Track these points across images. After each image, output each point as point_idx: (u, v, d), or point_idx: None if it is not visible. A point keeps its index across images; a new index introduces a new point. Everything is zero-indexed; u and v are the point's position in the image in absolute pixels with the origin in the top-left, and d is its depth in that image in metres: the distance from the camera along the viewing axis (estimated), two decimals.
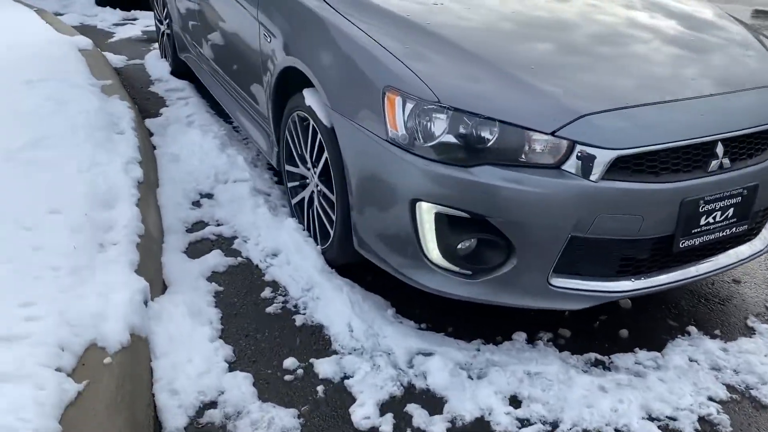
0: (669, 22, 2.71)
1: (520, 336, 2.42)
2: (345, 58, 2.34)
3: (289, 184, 3.00)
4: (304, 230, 2.89)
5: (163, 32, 5.12)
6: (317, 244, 2.77)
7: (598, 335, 2.46)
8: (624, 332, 2.47)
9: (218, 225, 3.09)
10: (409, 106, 2.09)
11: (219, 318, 2.47)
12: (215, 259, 2.81)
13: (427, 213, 2.11)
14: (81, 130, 3.31)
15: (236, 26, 3.28)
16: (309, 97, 2.57)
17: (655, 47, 2.43)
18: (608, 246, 2.11)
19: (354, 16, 2.42)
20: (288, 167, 2.96)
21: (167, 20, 4.89)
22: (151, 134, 3.95)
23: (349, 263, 2.64)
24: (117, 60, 5.38)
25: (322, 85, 2.42)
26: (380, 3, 2.46)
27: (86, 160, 3.00)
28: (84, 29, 6.39)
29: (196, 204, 3.26)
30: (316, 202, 2.74)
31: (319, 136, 2.55)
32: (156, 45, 5.91)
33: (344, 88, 2.33)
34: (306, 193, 2.84)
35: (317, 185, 2.71)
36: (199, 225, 3.09)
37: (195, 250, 2.89)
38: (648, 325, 2.51)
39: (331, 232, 2.61)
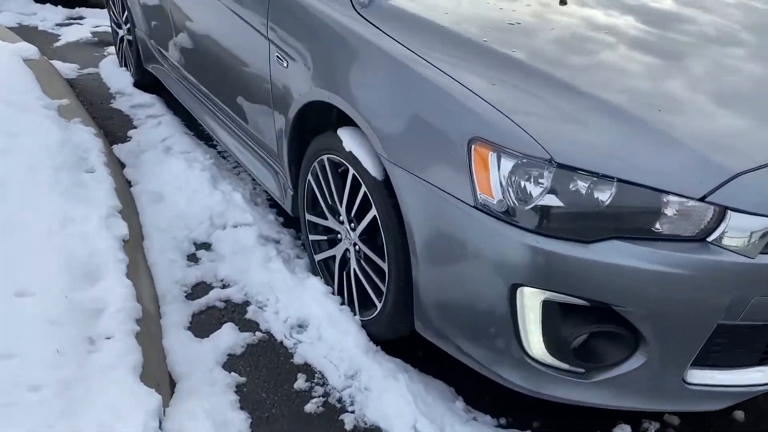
0: None
1: (624, 429, 1.98)
2: (409, 98, 1.83)
3: (311, 237, 2.48)
4: (333, 294, 2.38)
5: (122, 38, 4.46)
6: (354, 314, 2.27)
7: (711, 419, 2.05)
8: (740, 414, 2.07)
9: (224, 287, 2.55)
10: (508, 164, 1.61)
11: (249, 425, 1.95)
12: (229, 337, 2.28)
13: (530, 300, 1.65)
14: (43, 173, 2.70)
15: (233, 40, 2.71)
16: (349, 140, 2.05)
17: None
18: (759, 332, 1.69)
19: (414, 41, 1.91)
20: (310, 217, 2.44)
21: (128, 25, 4.24)
22: (123, 165, 3.34)
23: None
24: (68, 70, 4.68)
25: (372, 128, 1.91)
26: (446, 24, 1.95)
27: (56, 216, 2.41)
28: (22, 31, 5.61)
29: (193, 258, 2.70)
30: (353, 264, 2.23)
31: (363, 188, 2.04)
32: (111, 50, 5.22)
33: (408, 134, 1.83)
34: (337, 252, 2.32)
35: (355, 244, 2.20)
36: (201, 288, 2.54)
37: (201, 325, 2.35)
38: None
39: (378, 304, 2.12)
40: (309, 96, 2.18)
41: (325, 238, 2.40)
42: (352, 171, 2.07)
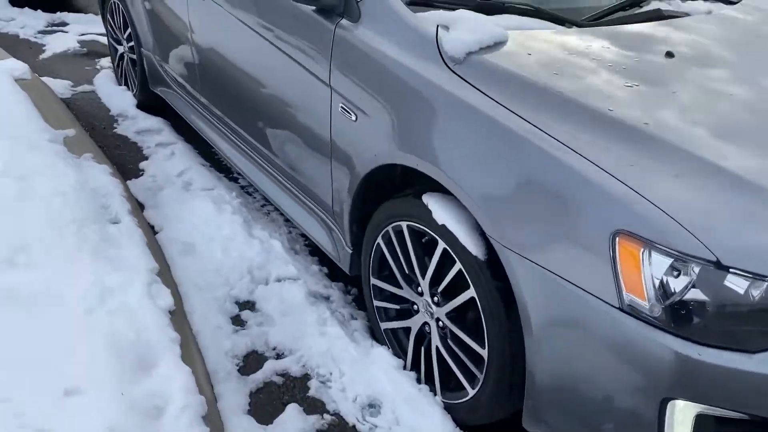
0: None
1: None
2: (527, 175, 1.62)
3: (377, 303, 2.25)
4: (405, 368, 2.17)
5: (122, 55, 4.13)
6: (435, 394, 2.07)
7: None
8: None
9: (279, 356, 2.31)
10: (664, 263, 1.42)
11: None
12: (296, 422, 2.05)
13: (682, 414, 1.46)
14: (67, 229, 2.42)
15: (279, 81, 2.45)
16: (441, 212, 1.83)
17: None
18: None
19: (524, 107, 1.69)
20: (377, 282, 2.22)
21: (130, 42, 3.92)
22: (141, 206, 3.05)
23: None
24: (61, 88, 4.33)
25: (479, 205, 1.70)
26: (559, 88, 1.73)
27: (93, 287, 2.14)
28: (2, 40, 5.23)
29: (238, 322, 2.45)
30: (435, 341, 2.02)
31: (457, 266, 1.82)
32: (104, 62, 4.87)
33: (526, 216, 1.62)
34: (413, 324, 2.11)
35: (438, 320, 1.99)
36: (254, 359, 2.30)
37: (262, 407, 2.11)
38: None
39: (470, 389, 1.92)
40: (388, 158, 1.95)
41: (396, 307, 2.18)
42: (442, 245, 1.85)
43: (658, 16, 2.22)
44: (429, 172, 1.81)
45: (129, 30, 3.86)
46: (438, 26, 1.92)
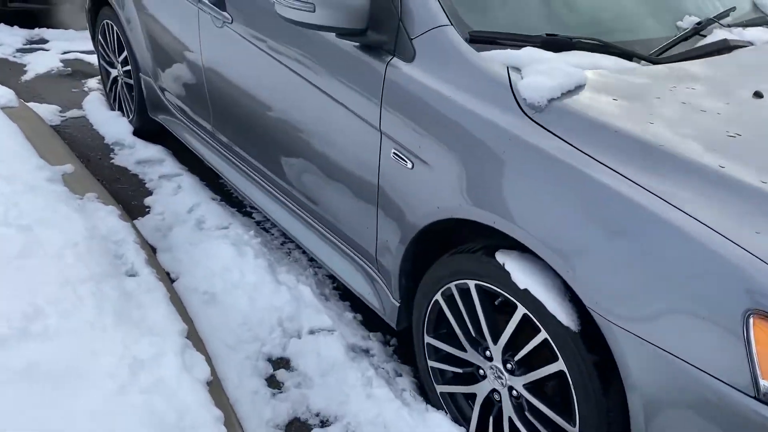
0: None
1: None
2: (629, 236, 1.45)
3: (431, 363, 2.07)
4: None
5: (116, 78, 3.88)
6: None
7: None
8: None
9: (324, 424, 2.11)
10: None
11: None
12: None
13: None
14: (83, 289, 2.18)
15: (318, 121, 2.25)
16: (521, 274, 1.65)
17: None
18: None
19: (619, 161, 1.52)
20: (433, 341, 2.03)
21: (126, 66, 3.67)
22: (153, 249, 2.82)
23: None
24: (49, 114, 4.05)
25: (575, 271, 1.52)
26: (657, 140, 1.55)
27: (122, 360, 1.92)
28: None
29: (275, 384, 2.24)
30: (508, 412, 1.85)
31: (542, 335, 1.65)
32: (91, 83, 4.61)
33: (634, 286, 1.44)
34: (479, 391, 1.93)
35: (511, 389, 1.81)
36: (298, 428, 2.09)
37: None
38: None
39: None
40: (457, 212, 1.76)
41: (457, 370, 1.99)
42: (523, 310, 1.68)
43: (725, 47, 2.07)
44: (510, 231, 1.63)
45: (125, 53, 3.61)
46: (508, 68, 1.75)
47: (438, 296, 1.94)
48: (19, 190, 2.68)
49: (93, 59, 5.00)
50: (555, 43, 1.87)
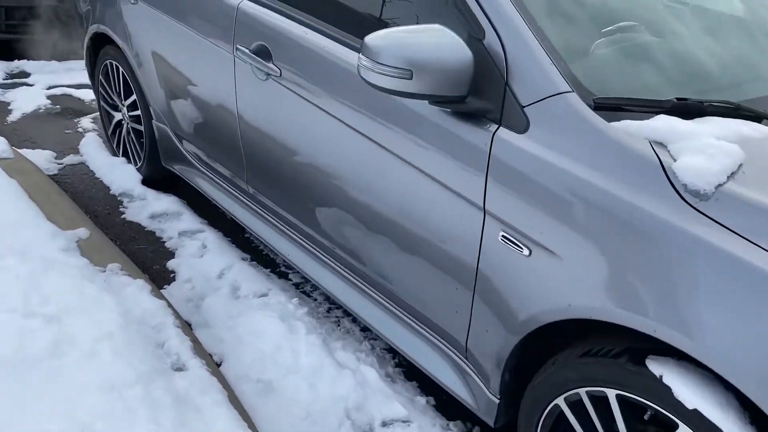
0: None
1: None
2: None
3: None
4: None
5: (120, 122, 3.55)
6: None
7: None
8: None
9: None
10: None
11: None
12: None
13: None
14: (129, 393, 1.88)
15: (397, 193, 1.98)
16: (687, 390, 1.41)
17: None
18: None
19: None
20: None
21: (134, 111, 3.34)
22: (187, 323, 2.51)
23: None
24: (44, 161, 3.69)
25: (754, 386, 1.29)
26: None
27: None
28: None
29: None
30: None
31: None
32: (85, 123, 4.26)
33: None
34: None
35: None
36: None
37: None
38: None
39: None
40: (597, 313, 1.51)
41: None
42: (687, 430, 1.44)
43: None
44: (677, 343, 1.39)
45: (133, 98, 3.29)
46: (651, 143, 1.51)
47: (560, 400, 1.69)
48: (37, 270, 2.36)
49: (82, 94, 4.68)
50: (686, 108, 1.64)
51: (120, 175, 3.52)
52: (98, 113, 4.09)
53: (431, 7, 1.94)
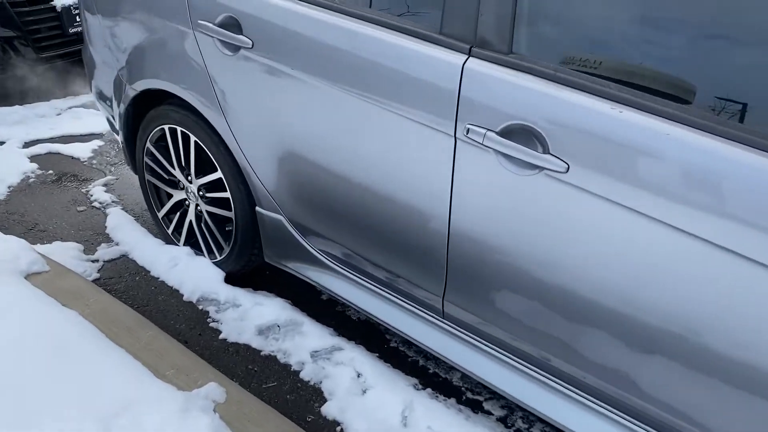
0: None
1: None
2: None
3: None
4: None
5: (181, 203, 2.69)
6: None
7: None
8: None
9: None
10: None
11: None
12: None
13: None
14: None
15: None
16: None
17: None
18: None
19: None
20: None
21: (214, 192, 2.51)
22: None
23: None
24: (70, 260, 2.74)
25: None
26: None
27: None
28: None
29: None
30: None
31: None
32: (98, 191, 3.33)
33: None
34: None
35: None
36: None
37: None
38: None
39: None
40: None
41: None
42: None
43: None
44: None
45: (214, 175, 2.45)
46: None
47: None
48: None
49: (73, 151, 3.73)
50: None
51: (190, 272, 2.66)
52: (107, 176, 3.21)
53: None
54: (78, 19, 4.55)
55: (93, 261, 2.80)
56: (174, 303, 2.58)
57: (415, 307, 2.09)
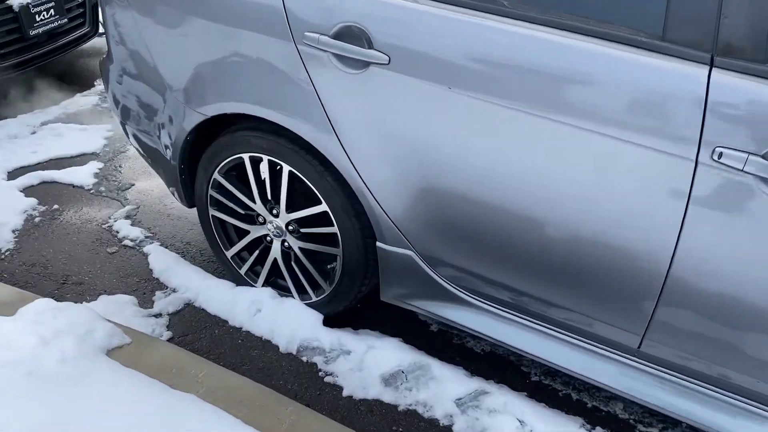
0: None
1: None
2: None
3: None
4: None
5: (262, 239, 2.33)
6: None
7: None
8: None
9: None
10: None
11: None
12: None
13: None
14: None
15: None
16: None
17: None
18: None
19: None
20: None
21: (308, 227, 2.16)
22: None
23: None
24: (129, 318, 2.32)
25: None
26: None
27: None
28: None
29: None
30: None
31: None
32: (124, 225, 2.88)
33: None
34: None
35: None
36: None
37: None
38: None
39: None
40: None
41: None
42: None
43: None
44: None
45: (316, 209, 2.10)
46: None
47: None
48: None
49: (71, 178, 3.27)
50: None
51: (281, 318, 2.31)
52: (125, 206, 2.81)
53: None
54: (38, 19, 3.93)
55: (156, 316, 2.40)
56: (272, 358, 2.23)
57: (597, 347, 1.85)
